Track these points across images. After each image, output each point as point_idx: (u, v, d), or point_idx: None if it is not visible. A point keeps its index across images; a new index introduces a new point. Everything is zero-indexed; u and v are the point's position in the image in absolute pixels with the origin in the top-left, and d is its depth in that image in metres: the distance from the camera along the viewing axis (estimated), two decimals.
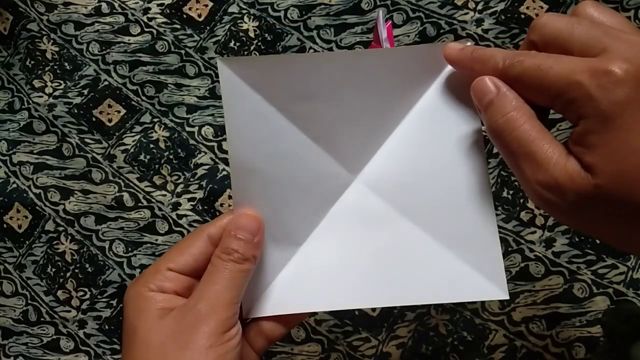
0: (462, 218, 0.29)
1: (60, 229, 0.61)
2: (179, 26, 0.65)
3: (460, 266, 0.28)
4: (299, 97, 0.28)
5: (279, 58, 0.32)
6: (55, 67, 0.65)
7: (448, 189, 0.29)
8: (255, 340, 0.30)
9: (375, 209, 0.30)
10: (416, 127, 0.30)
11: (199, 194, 0.60)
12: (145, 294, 0.26)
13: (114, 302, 0.58)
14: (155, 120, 0.62)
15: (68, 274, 0.60)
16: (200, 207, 0.59)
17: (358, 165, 0.30)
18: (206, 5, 0.65)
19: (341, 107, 0.29)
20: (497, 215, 0.55)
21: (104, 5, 0.66)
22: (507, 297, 0.28)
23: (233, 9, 0.64)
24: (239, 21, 0.64)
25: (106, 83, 0.64)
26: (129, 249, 0.59)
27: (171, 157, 0.61)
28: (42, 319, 0.59)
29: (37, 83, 0.65)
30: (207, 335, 0.25)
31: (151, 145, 0.61)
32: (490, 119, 0.25)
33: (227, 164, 0.60)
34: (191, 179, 0.60)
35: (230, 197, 0.59)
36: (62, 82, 0.65)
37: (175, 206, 0.60)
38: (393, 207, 0.29)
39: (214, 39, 0.64)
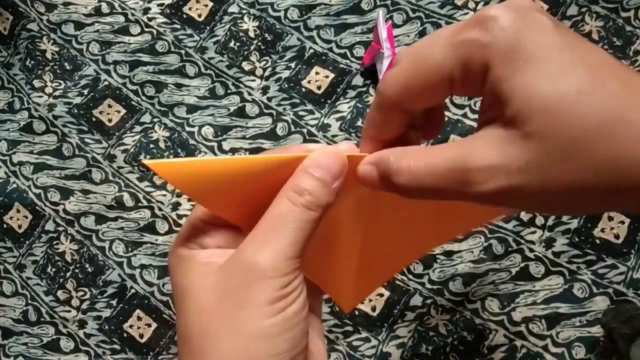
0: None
1: (60, 229, 0.61)
2: (179, 26, 0.65)
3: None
4: None
5: None
6: (55, 67, 0.65)
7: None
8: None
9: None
10: None
11: None
12: (186, 254, 0.23)
13: (114, 302, 0.58)
14: (155, 120, 0.62)
15: (68, 274, 0.59)
16: None
17: None
18: (206, 5, 0.65)
19: None
20: None
21: (104, 5, 0.66)
22: (347, 312, 0.28)
23: (233, 9, 0.64)
24: (239, 21, 0.64)
25: (106, 83, 0.64)
26: (129, 249, 0.59)
27: (171, 157, 0.61)
28: (42, 319, 0.59)
29: (37, 83, 0.65)
30: (267, 292, 0.21)
31: (151, 145, 0.61)
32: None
33: None
34: None
35: None
36: (62, 82, 0.65)
37: (175, 206, 0.60)
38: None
39: (214, 39, 0.64)
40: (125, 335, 0.58)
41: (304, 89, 0.61)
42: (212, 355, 0.21)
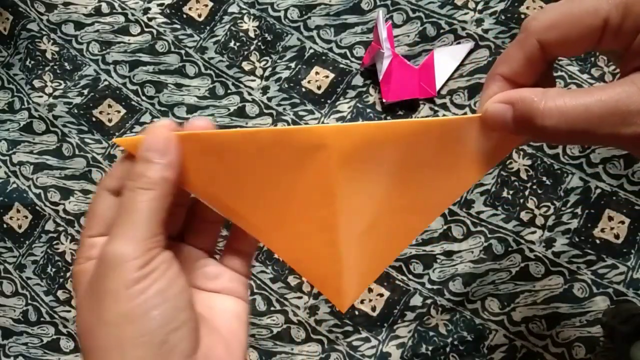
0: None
1: (60, 229, 0.61)
2: (179, 26, 0.65)
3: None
4: None
5: None
6: (55, 67, 0.65)
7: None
8: (231, 260, 0.28)
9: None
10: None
11: None
12: (78, 269, 0.25)
13: None
14: (155, 120, 0.62)
15: (68, 274, 0.60)
16: None
17: None
18: (206, 5, 0.65)
19: None
20: (497, 215, 0.55)
21: (104, 5, 0.66)
22: (342, 311, 0.27)
23: (233, 9, 0.64)
24: (239, 21, 0.64)
25: (106, 83, 0.64)
26: None
27: None
28: (42, 319, 0.59)
29: (37, 83, 0.65)
30: (122, 278, 0.22)
31: None
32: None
33: None
34: None
35: None
36: (62, 82, 0.65)
37: None
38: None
39: (214, 39, 0.64)
40: None
41: (304, 89, 0.61)
42: (93, 349, 0.22)
